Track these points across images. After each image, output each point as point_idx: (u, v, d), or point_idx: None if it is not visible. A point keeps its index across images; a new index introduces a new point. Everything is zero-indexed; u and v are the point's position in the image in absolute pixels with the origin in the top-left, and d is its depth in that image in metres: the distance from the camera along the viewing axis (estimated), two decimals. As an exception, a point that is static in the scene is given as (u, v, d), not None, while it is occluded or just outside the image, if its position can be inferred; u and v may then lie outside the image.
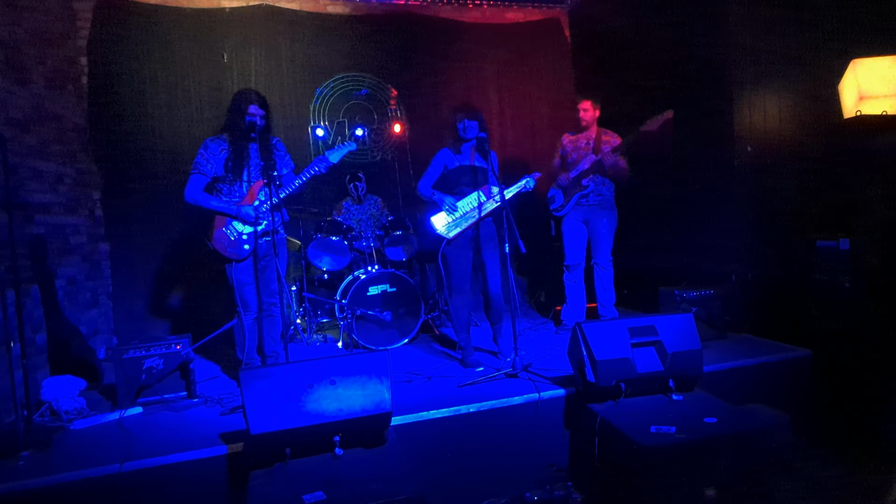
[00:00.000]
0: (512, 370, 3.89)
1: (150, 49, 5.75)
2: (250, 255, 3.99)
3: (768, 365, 3.98)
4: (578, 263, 5.18)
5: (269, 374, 2.93)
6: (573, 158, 5.14)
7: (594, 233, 5.11)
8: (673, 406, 3.29)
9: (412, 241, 5.52)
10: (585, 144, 5.10)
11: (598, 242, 5.10)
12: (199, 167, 3.96)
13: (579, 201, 5.09)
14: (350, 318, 4.91)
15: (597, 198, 5.07)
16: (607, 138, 5.05)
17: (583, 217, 5.12)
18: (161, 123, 5.77)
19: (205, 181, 3.98)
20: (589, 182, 5.02)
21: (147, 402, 3.87)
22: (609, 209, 5.10)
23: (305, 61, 6.31)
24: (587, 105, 5.07)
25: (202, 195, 3.97)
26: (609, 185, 5.12)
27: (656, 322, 3.47)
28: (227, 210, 3.94)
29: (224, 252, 3.96)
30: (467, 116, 4.33)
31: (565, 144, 5.23)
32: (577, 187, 5.05)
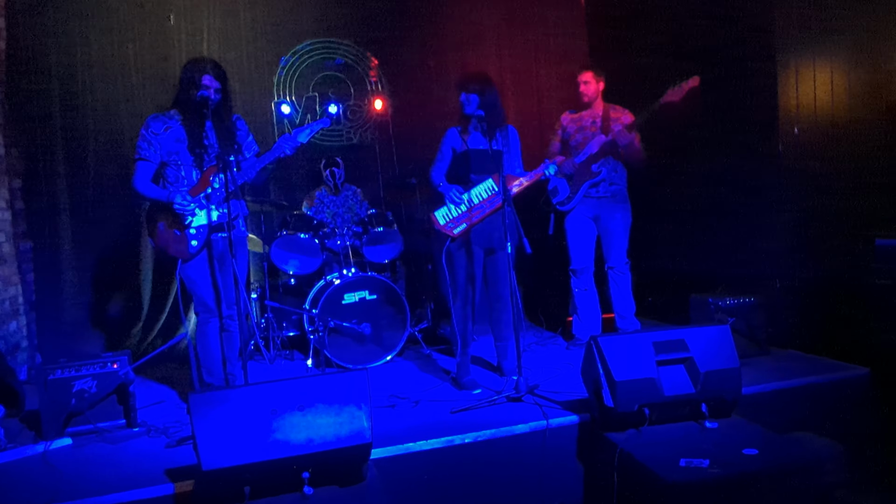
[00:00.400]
0: (515, 393, 3.89)
1: (83, 10, 5.69)
2: (201, 251, 3.99)
3: (819, 386, 3.98)
4: (587, 267, 5.19)
5: (224, 398, 2.91)
6: (577, 140, 5.11)
7: (607, 231, 5.10)
8: (706, 435, 3.29)
9: (396, 238, 5.51)
10: (591, 123, 5.08)
11: (612, 242, 5.10)
12: (141, 151, 3.95)
13: (588, 192, 5.09)
14: (322, 331, 4.89)
15: (609, 188, 5.06)
16: (616, 115, 5.04)
17: (592, 213, 5.12)
18: (95, 98, 5.71)
19: (151, 168, 3.97)
20: (600, 168, 5.00)
21: (78, 433, 3.83)
22: (623, 202, 5.11)
23: (269, 25, 6.28)
24: (588, 77, 5.06)
25: (149, 186, 3.97)
26: (622, 173, 5.12)
27: (686, 335, 3.47)
28: (162, 196, 3.94)
29: (168, 250, 3.96)
30: (464, 89, 4.33)
31: (566, 125, 5.22)
32: (587, 174, 5.03)
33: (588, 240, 5.16)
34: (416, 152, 6.24)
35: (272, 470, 2.86)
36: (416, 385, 4.52)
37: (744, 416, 3.48)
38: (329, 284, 5.14)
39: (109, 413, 3.91)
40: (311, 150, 6.35)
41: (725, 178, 5.20)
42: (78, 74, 5.67)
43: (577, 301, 5.26)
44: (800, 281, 4.72)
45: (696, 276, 5.25)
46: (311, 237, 5.31)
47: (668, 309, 5.68)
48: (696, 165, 5.47)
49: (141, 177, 3.96)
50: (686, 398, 3.37)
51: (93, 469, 3.37)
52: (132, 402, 3.92)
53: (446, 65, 6.70)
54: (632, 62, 5.73)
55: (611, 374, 3.31)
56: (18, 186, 5.51)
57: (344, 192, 5.93)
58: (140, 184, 3.96)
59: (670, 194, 5.59)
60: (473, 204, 4.33)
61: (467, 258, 4.37)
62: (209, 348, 4.06)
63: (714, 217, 5.35)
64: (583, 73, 5.10)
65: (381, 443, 3.34)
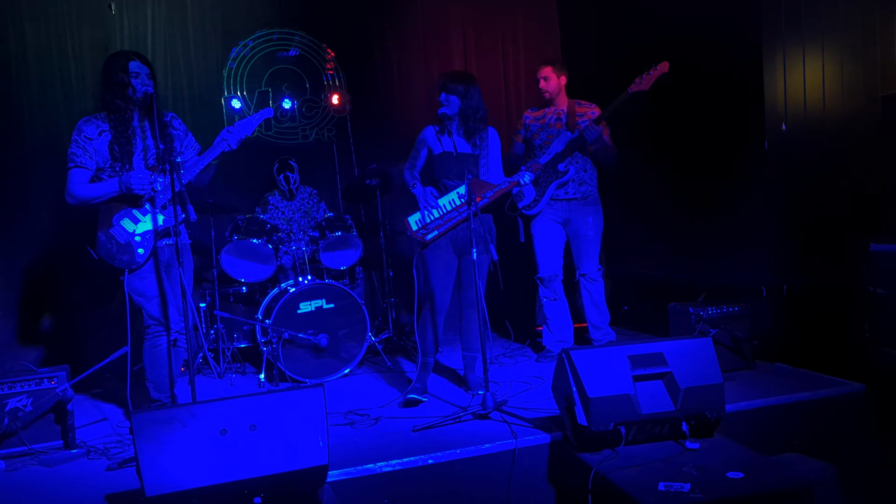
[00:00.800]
0: (482, 409, 3.89)
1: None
2: (148, 260, 3.94)
3: (809, 403, 3.96)
4: (556, 275, 5.21)
5: (170, 417, 2.87)
6: (542, 139, 5.14)
7: (577, 236, 5.13)
8: (688, 456, 3.24)
9: (355, 244, 5.50)
10: (556, 120, 5.11)
11: (583, 248, 5.13)
12: (76, 158, 3.86)
13: (556, 194, 5.11)
14: (275, 342, 4.87)
15: (578, 188, 5.08)
16: (583, 110, 5.07)
17: (560, 216, 5.14)
18: (30, 95, 5.65)
19: (87, 175, 3.89)
20: (568, 166, 5.02)
21: (10, 455, 3.77)
22: (594, 204, 5.14)
23: (218, 13, 6.26)
24: (548, 72, 5.09)
25: (90, 186, 3.88)
26: (592, 172, 5.14)
27: (665, 348, 3.45)
28: (110, 188, 3.86)
29: (112, 261, 3.88)
30: (445, 89, 4.36)
31: (528, 123, 5.24)
32: (553, 174, 5.04)
33: (556, 246, 5.18)
34: (376, 152, 6.27)
35: (221, 495, 2.83)
36: (376, 400, 4.51)
37: (728, 436, 3.44)
38: (283, 293, 5.11)
39: (46, 433, 3.85)
40: (264, 148, 6.34)
41: (707, 179, 5.22)
42: (11, 66, 5.60)
43: (546, 311, 5.28)
44: (788, 289, 4.70)
45: (676, 283, 5.27)
46: (263, 242, 5.28)
47: (645, 319, 5.72)
48: (675, 164, 5.50)
49: (74, 183, 3.87)
50: (665, 416, 3.34)
51: (27, 495, 3.31)
52: (70, 422, 3.87)
53: (409, 57, 6.73)
54: (606, 54, 5.76)
55: (584, 390, 3.28)
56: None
57: (299, 195, 5.91)
58: (78, 188, 3.86)
59: (648, 195, 5.61)
60: (447, 210, 4.35)
61: (443, 262, 4.39)
62: (158, 364, 4.00)
63: (695, 220, 5.37)
64: (542, 68, 5.12)
65: (338, 464, 3.32)
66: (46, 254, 5.63)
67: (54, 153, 5.45)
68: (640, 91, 4.71)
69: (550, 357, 5.17)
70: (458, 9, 6.90)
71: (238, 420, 2.91)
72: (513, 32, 7.08)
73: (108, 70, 3.91)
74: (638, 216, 5.37)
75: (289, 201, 5.86)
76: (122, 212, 3.90)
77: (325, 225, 5.44)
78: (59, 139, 5.47)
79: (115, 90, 3.88)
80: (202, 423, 2.87)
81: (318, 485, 3.03)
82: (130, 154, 3.91)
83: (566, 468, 3.48)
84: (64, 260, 5.56)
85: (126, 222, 3.91)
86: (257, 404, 2.95)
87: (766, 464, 3.13)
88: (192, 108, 6.15)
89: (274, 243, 5.37)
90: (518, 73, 7.09)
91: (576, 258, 5.18)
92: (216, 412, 2.91)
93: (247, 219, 5.37)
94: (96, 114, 3.95)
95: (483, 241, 4.20)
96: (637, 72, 4.73)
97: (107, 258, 3.87)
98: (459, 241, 4.38)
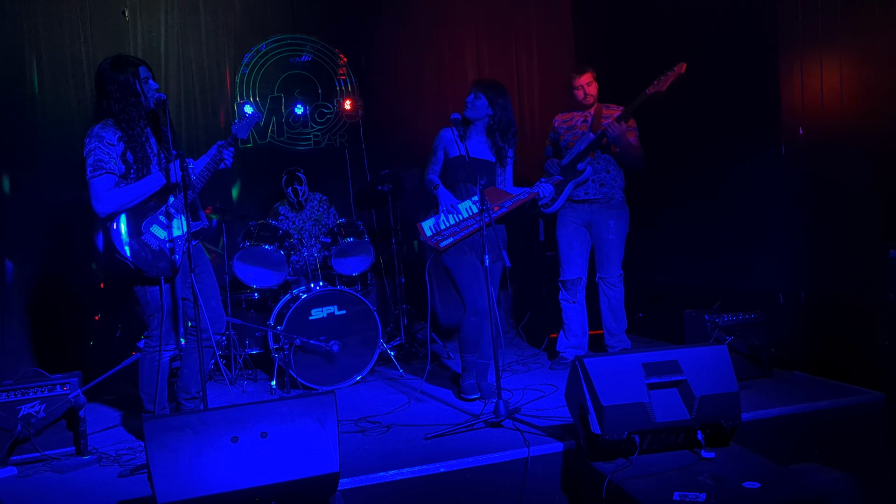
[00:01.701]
0: (494, 417, 3.89)
1: (31, 4, 5.66)
2: (179, 269, 3.90)
3: (827, 412, 3.93)
4: (579, 278, 5.20)
5: (181, 424, 2.88)
6: (567, 140, 5.15)
7: (598, 239, 5.13)
8: (703, 466, 3.23)
9: (367, 250, 5.51)
10: (582, 122, 5.12)
11: (604, 252, 5.12)
12: (104, 165, 3.70)
13: (574, 195, 5.11)
14: (287, 349, 4.88)
15: (599, 189, 5.08)
16: (609, 112, 5.05)
17: (583, 219, 5.15)
18: (45, 100, 5.69)
19: (114, 181, 3.75)
20: (585, 166, 5.02)
21: (24, 461, 3.79)
22: (618, 208, 5.12)
23: (231, 20, 6.30)
24: (590, 77, 5.06)
25: (117, 192, 3.75)
26: (616, 174, 5.13)
27: (680, 356, 3.43)
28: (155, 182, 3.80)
29: (151, 270, 3.79)
30: (478, 92, 4.40)
31: (557, 126, 5.27)
32: (572, 173, 5.05)
33: (580, 249, 5.17)
34: (388, 157, 6.28)
35: (233, 502, 2.84)
36: (387, 407, 4.51)
37: (744, 445, 3.41)
38: (295, 299, 5.13)
39: (58, 439, 3.87)
40: (276, 154, 6.38)
41: (723, 184, 5.20)
42: (27, 72, 5.64)
43: (564, 315, 5.26)
44: (806, 296, 4.65)
45: (692, 289, 5.24)
46: (275, 248, 5.30)
47: (660, 326, 5.69)
48: (690, 169, 5.48)
49: (108, 188, 3.71)
50: (680, 425, 3.32)
51: (39, 502, 3.33)
52: (83, 428, 3.88)
53: (421, 62, 6.74)
54: (621, 59, 5.76)
55: (597, 399, 3.26)
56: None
57: (308, 205, 5.90)
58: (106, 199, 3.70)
59: (662, 200, 5.59)
60: (464, 217, 4.36)
61: (468, 267, 4.41)
62: (154, 377, 3.96)
63: (710, 225, 5.35)
64: (584, 74, 5.06)
65: (349, 472, 3.32)
66: (59, 261, 5.67)
67: (68, 160, 5.49)
68: (658, 92, 4.71)
69: (564, 364, 5.15)
70: (471, 14, 6.91)
71: (249, 427, 2.91)
72: (526, 38, 7.08)
73: (119, 77, 3.77)
74: (652, 221, 5.35)
75: (297, 212, 5.86)
76: (148, 218, 3.85)
77: (336, 231, 5.45)
78: (72, 145, 5.47)
79: (126, 98, 3.77)
80: (214, 430, 2.88)
81: (330, 492, 3.03)
82: (148, 160, 3.84)
83: (579, 477, 3.47)
84: (76, 267, 5.61)
85: (156, 229, 3.86)
86: (269, 411, 2.96)
87: (783, 474, 3.11)
88: (205, 114, 6.19)
89: (286, 249, 5.39)
90: (532, 79, 7.10)
91: (597, 262, 5.18)
92: (227, 419, 2.91)
93: (259, 225, 5.38)
94: (106, 120, 3.80)
95: (496, 248, 4.20)
96: (652, 76, 4.73)
97: (144, 267, 3.78)
98: (477, 247, 4.39)
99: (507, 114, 4.41)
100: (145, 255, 3.80)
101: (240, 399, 4.87)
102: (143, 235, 3.82)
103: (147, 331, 4.01)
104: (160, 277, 3.84)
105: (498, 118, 4.39)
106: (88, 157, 3.73)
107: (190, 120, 6.12)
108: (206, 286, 4.05)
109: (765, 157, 4.83)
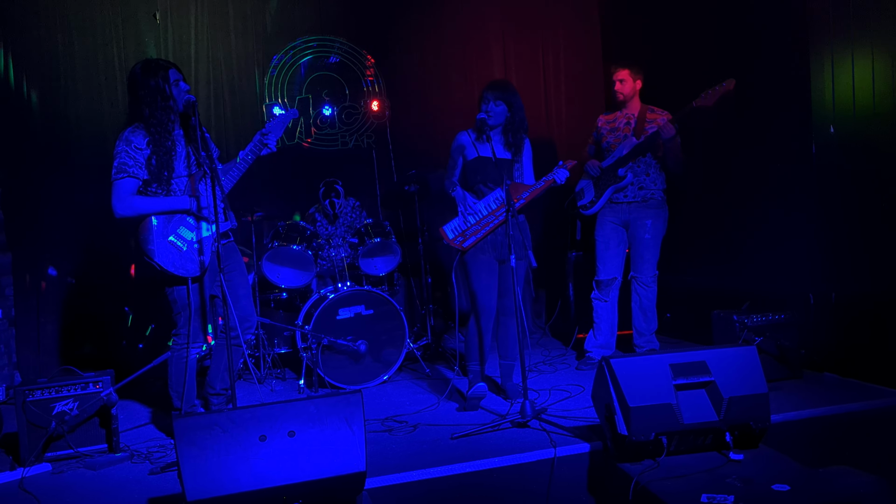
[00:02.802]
0: (521, 417, 3.89)
1: (65, 9, 5.75)
2: (209, 267, 3.97)
3: (859, 414, 3.89)
4: (614, 278, 5.19)
5: (210, 422, 2.91)
6: (609, 142, 5.15)
7: (634, 239, 5.12)
8: (731, 468, 3.20)
9: (394, 250, 5.53)
10: (625, 124, 5.11)
11: (639, 251, 5.10)
12: (128, 168, 3.78)
13: (614, 197, 5.11)
14: (315, 348, 4.91)
15: (638, 192, 5.06)
16: (653, 116, 5.03)
17: (621, 218, 5.14)
18: (78, 103, 5.77)
19: (137, 186, 3.83)
20: (626, 172, 5.01)
21: (57, 458, 3.84)
22: (656, 207, 5.10)
23: (259, 21, 6.34)
24: (624, 74, 5.06)
25: (139, 200, 3.83)
26: (655, 176, 5.10)
27: (708, 357, 3.41)
28: (179, 205, 3.87)
29: (177, 271, 3.86)
30: (491, 97, 4.41)
31: (600, 126, 5.27)
32: (612, 179, 5.06)
33: (618, 248, 5.16)
34: (415, 158, 6.30)
35: (261, 500, 2.86)
36: (414, 406, 4.53)
37: (773, 448, 3.39)
38: (323, 299, 5.16)
39: (91, 437, 3.92)
40: (304, 155, 6.41)
41: (752, 183, 5.15)
42: (61, 75, 5.73)
43: (595, 314, 5.26)
44: (837, 296, 4.59)
45: (720, 290, 5.20)
46: (303, 248, 5.33)
47: (688, 327, 5.66)
48: (718, 168, 5.44)
49: (129, 192, 3.80)
50: (708, 426, 3.30)
51: (72, 498, 3.38)
52: (115, 425, 3.93)
53: (447, 63, 6.75)
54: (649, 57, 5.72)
55: (624, 399, 3.26)
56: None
57: (342, 215, 5.89)
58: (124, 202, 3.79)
59: (690, 200, 5.55)
60: (484, 215, 4.37)
61: (484, 268, 4.41)
62: (183, 374, 4.01)
63: (740, 225, 5.31)
64: (618, 70, 5.08)
65: (376, 471, 3.34)
66: (92, 261, 5.74)
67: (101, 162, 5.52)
68: (704, 106, 4.68)
69: (591, 364, 5.14)
70: (498, 15, 6.90)
71: (277, 426, 2.94)
72: (553, 38, 7.06)
73: (149, 81, 3.82)
74: (680, 221, 5.31)
75: (331, 224, 5.86)
76: (175, 220, 3.90)
77: (364, 231, 5.48)
78: (105, 148, 5.54)
79: (156, 101, 3.82)
80: (242, 428, 2.91)
81: (356, 491, 3.05)
82: (172, 166, 3.89)
83: (606, 478, 3.46)
84: (108, 267, 5.67)
85: (183, 230, 3.92)
86: (296, 410, 2.98)
87: (813, 477, 3.08)
88: (234, 116, 6.25)
89: (314, 249, 5.42)
90: (559, 79, 7.07)
91: (632, 260, 5.17)
92: (256, 418, 2.94)
93: (287, 225, 5.42)
94: (136, 124, 3.86)
95: (521, 247, 4.21)
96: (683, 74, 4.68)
97: (171, 269, 3.84)
98: (499, 246, 4.39)
99: (521, 112, 4.45)
100: (172, 257, 3.86)
101: (268, 398, 4.92)
102: (170, 237, 3.88)
103: (175, 329, 4.07)
104: (187, 277, 3.90)
105: (514, 118, 4.42)
106: (115, 158, 3.83)
107: (219, 121, 6.17)
108: (236, 284, 4.08)
109: (795, 155, 4.78)
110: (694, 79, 4.93)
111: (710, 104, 4.66)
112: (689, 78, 5.32)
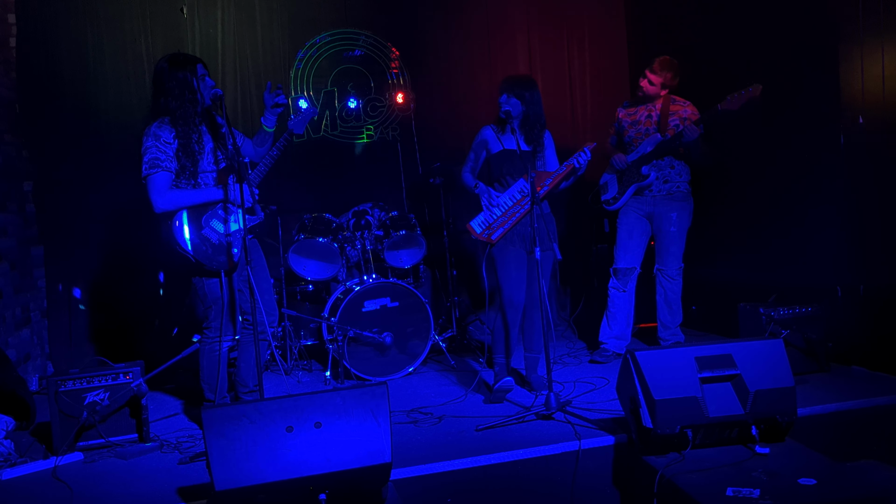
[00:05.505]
0: (545, 410, 3.89)
1: (94, 4, 5.80)
2: (237, 264, 4.00)
3: (887, 408, 3.85)
4: (633, 268, 5.15)
5: (238, 413, 2.94)
6: (630, 136, 5.11)
7: (660, 231, 5.08)
8: (757, 461, 3.19)
9: (419, 242, 5.54)
10: (646, 118, 5.05)
11: (664, 244, 5.07)
12: (160, 163, 3.80)
13: (639, 192, 5.08)
14: (341, 340, 4.93)
15: (662, 186, 5.03)
16: (676, 108, 4.97)
17: (646, 210, 5.10)
18: (107, 96, 5.83)
19: (171, 178, 3.85)
20: (650, 170, 4.97)
21: (89, 447, 3.90)
22: (681, 200, 5.05)
23: (285, 15, 6.36)
24: (658, 80, 4.95)
25: (177, 193, 3.86)
26: (680, 168, 5.06)
27: (734, 350, 3.39)
28: (214, 196, 3.92)
29: (211, 263, 3.90)
30: (506, 92, 4.43)
31: (621, 118, 5.22)
32: (636, 176, 5.02)
33: (639, 239, 5.13)
34: (440, 150, 6.29)
35: (287, 491, 2.88)
36: (439, 398, 4.54)
37: (800, 441, 3.37)
38: (349, 291, 5.18)
39: (122, 426, 3.98)
40: (330, 147, 6.43)
41: (779, 174, 5.11)
42: (90, 69, 5.79)
43: (610, 303, 5.22)
44: (865, 289, 4.55)
45: (746, 283, 5.17)
46: (329, 241, 5.35)
47: (714, 319, 5.62)
48: (745, 159, 5.39)
49: (166, 187, 3.82)
50: (734, 420, 3.29)
51: (104, 486, 3.43)
52: (145, 416, 3.98)
53: (473, 56, 6.73)
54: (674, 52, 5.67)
55: (649, 392, 3.25)
56: (30, 189, 5.63)
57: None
58: (163, 198, 3.81)
59: (716, 192, 5.50)
60: (509, 206, 4.37)
61: (512, 260, 4.41)
62: (215, 367, 4.07)
63: (766, 217, 5.26)
64: (653, 75, 4.96)
65: (401, 462, 3.35)
66: (122, 254, 5.80)
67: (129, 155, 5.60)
68: (729, 110, 4.61)
69: (606, 356, 5.14)
70: (523, 7, 6.87)
71: (304, 417, 2.95)
72: (578, 31, 7.01)
73: (177, 75, 3.85)
74: (705, 213, 5.27)
75: None
76: (208, 213, 3.94)
77: (389, 224, 5.49)
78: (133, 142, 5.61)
79: (184, 95, 3.85)
80: (269, 419, 2.93)
81: (382, 483, 3.06)
82: (197, 160, 3.93)
83: (631, 471, 3.45)
84: (138, 260, 5.72)
85: (216, 223, 3.96)
86: (323, 402, 2.99)
87: (840, 471, 3.05)
88: (260, 109, 6.21)
89: (339, 242, 5.44)
90: (584, 73, 7.03)
91: (657, 253, 5.14)
92: (283, 409, 2.95)
93: (313, 218, 5.44)
94: (162, 118, 3.88)
95: (546, 239, 4.20)
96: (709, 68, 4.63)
97: (204, 261, 3.89)
98: (527, 238, 4.39)
99: (537, 106, 4.44)
100: (205, 249, 3.90)
101: (295, 389, 4.95)
102: (203, 230, 3.91)
103: (205, 322, 4.10)
104: (220, 270, 3.94)
105: (528, 112, 4.41)
106: (145, 154, 3.85)
107: (246, 114, 6.20)
108: (259, 279, 4.11)
109: (823, 146, 4.73)
110: (719, 73, 4.90)
111: (736, 108, 4.58)
112: (714, 72, 5.28)
